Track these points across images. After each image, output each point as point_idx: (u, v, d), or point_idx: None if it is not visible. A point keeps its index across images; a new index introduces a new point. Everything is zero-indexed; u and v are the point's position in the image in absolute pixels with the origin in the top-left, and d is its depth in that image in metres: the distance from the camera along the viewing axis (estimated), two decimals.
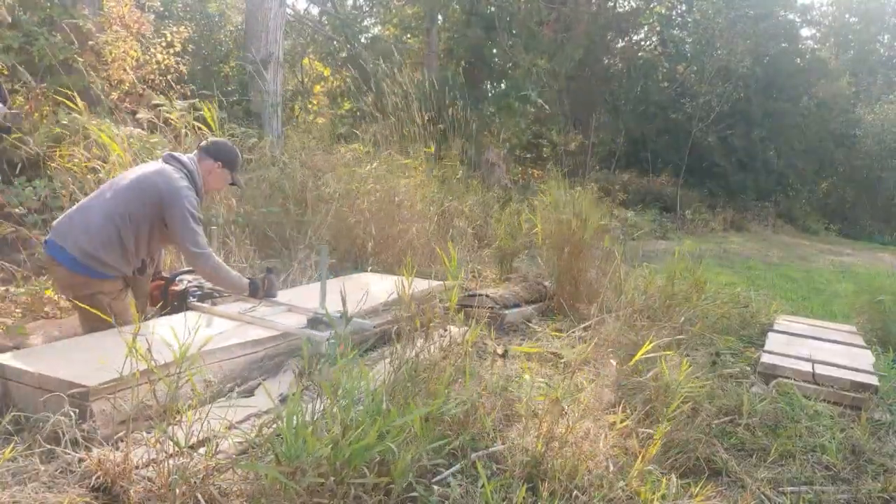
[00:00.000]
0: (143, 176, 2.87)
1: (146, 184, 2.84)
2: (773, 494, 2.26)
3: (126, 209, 2.79)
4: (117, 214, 2.78)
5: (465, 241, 5.73)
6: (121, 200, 2.81)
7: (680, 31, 17.16)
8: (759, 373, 3.45)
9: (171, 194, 2.83)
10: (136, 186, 2.84)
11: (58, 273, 2.79)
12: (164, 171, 2.89)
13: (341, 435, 1.78)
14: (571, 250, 4.43)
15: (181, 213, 2.83)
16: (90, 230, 2.74)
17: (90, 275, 2.74)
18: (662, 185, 16.55)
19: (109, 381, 2.09)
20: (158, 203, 2.83)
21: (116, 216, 2.77)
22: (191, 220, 2.85)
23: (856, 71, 21.87)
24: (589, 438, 2.29)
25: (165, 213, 2.85)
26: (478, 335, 2.67)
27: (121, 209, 2.79)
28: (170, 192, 2.83)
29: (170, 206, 2.83)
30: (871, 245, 15.88)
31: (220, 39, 9.31)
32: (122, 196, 2.82)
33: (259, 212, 4.67)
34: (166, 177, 2.87)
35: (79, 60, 5.08)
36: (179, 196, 2.83)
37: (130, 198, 2.82)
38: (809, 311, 5.88)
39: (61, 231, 2.78)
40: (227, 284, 3.10)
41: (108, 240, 2.75)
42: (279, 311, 3.15)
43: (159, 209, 2.85)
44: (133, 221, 2.81)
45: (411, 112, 5.61)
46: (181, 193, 2.84)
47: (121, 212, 2.78)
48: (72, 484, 1.83)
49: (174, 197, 2.83)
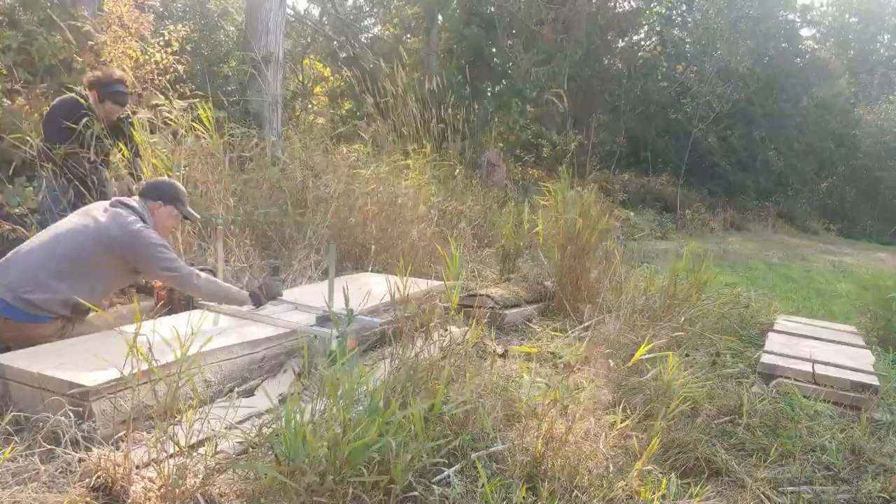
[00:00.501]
0: (99, 230, 2.77)
1: (107, 238, 2.76)
2: (773, 494, 2.26)
3: (89, 264, 2.71)
4: (75, 265, 2.68)
5: (465, 241, 5.73)
6: (82, 253, 2.71)
7: (680, 31, 17.16)
8: (759, 373, 3.44)
9: (131, 239, 2.78)
10: (97, 240, 2.74)
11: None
12: (118, 219, 2.81)
13: (341, 434, 1.78)
14: (575, 250, 4.43)
15: (148, 250, 2.80)
16: (29, 276, 2.60)
17: (24, 320, 2.58)
18: (662, 186, 16.57)
19: (109, 381, 2.09)
20: (124, 254, 2.79)
21: (63, 261, 2.67)
22: (162, 251, 2.82)
23: (856, 71, 21.91)
24: (589, 438, 2.29)
25: (132, 257, 2.81)
26: (478, 335, 2.67)
27: (81, 261, 2.70)
28: (130, 234, 2.78)
29: (133, 248, 2.79)
30: (871, 245, 15.89)
31: (220, 39, 9.31)
32: (83, 249, 2.72)
33: (259, 212, 4.67)
34: (121, 222, 2.80)
35: (78, 60, 5.08)
36: (139, 236, 2.79)
37: (93, 252, 2.73)
38: (809, 311, 5.88)
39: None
40: (225, 299, 3.10)
41: (49, 285, 2.61)
42: (286, 309, 3.21)
43: (125, 259, 2.80)
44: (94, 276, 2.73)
45: (411, 112, 5.61)
46: (140, 233, 2.80)
47: (79, 263, 2.69)
48: (72, 484, 1.83)
49: (135, 240, 2.78)
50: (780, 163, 17.92)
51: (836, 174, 20.05)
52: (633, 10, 16.24)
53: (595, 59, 14.88)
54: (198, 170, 4.41)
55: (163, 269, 2.83)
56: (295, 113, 9.38)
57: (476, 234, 6.22)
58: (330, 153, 5.75)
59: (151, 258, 2.81)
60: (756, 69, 16.30)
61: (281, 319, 3.01)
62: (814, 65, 18.65)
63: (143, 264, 2.84)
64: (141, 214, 2.94)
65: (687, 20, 17.24)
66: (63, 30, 5.11)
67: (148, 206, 3.03)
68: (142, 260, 2.82)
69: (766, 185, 17.74)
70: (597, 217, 4.47)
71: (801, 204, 19.02)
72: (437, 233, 5.31)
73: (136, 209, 2.94)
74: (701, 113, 15.48)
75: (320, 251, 4.61)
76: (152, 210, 3.04)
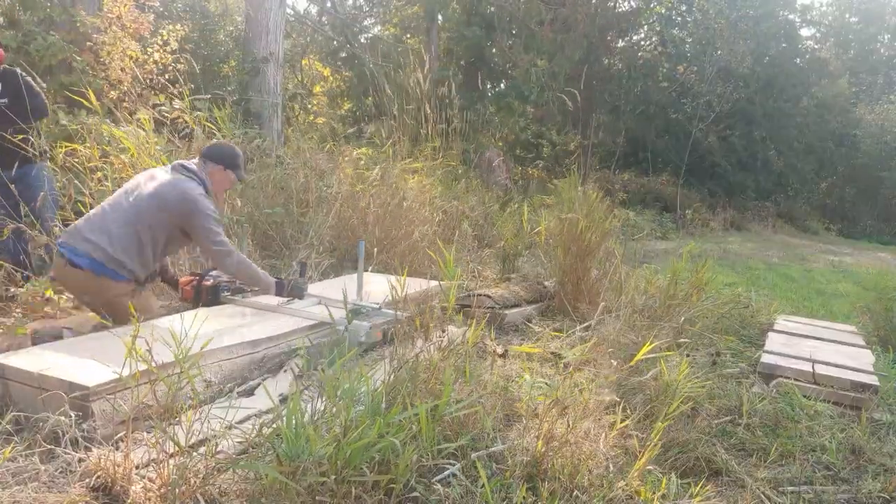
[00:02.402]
0: (159, 189, 3.00)
1: (164, 197, 2.98)
2: (773, 494, 2.26)
3: (147, 220, 2.94)
4: (138, 223, 2.92)
5: (466, 241, 5.73)
6: (142, 210, 2.94)
7: (680, 31, 17.15)
8: (759, 373, 3.44)
9: (190, 204, 2.98)
10: (155, 198, 2.97)
11: (75, 277, 2.87)
12: (179, 183, 3.03)
13: (342, 434, 1.78)
14: (578, 250, 4.43)
15: (202, 219, 2.99)
16: (111, 236, 2.86)
17: (112, 277, 2.85)
18: (662, 186, 16.55)
19: (109, 381, 2.09)
20: (178, 214, 2.99)
21: (137, 225, 2.91)
22: (212, 223, 3.01)
23: (856, 71, 21.91)
24: (589, 438, 2.29)
25: (186, 222, 3.01)
26: (478, 336, 2.67)
27: (142, 218, 2.93)
28: (188, 201, 2.98)
29: (190, 214, 2.98)
30: (871, 245, 15.89)
31: (220, 39, 9.30)
32: (142, 206, 2.95)
33: (262, 212, 4.68)
34: (182, 188, 3.01)
35: (77, 60, 5.08)
36: (197, 204, 2.99)
37: (150, 209, 2.95)
38: (810, 311, 5.87)
39: (79, 236, 2.88)
40: (252, 280, 3.25)
41: (129, 246, 2.89)
42: (310, 303, 3.35)
43: (179, 219, 3.00)
44: (152, 231, 2.95)
45: (411, 112, 5.61)
46: (198, 201, 3.00)
47: (142, 220, 2.92)
48: (72, 484, 1.83)
49: (193, 206, 2.98)
50: (780, 163, 17.91)
51: (836, 174, 20.04)
52: (633, 10, 16.23)
53: (595, 59, 14.88)
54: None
55: (210, 241, 3.01)
56: (295, 113, 9.37)
57: (477, 234, 6.21)
58: (336, 153, 5.78)
59: (203, 227, 2.99)
60: (756, 69, 16.28)
61: (311, 312, 3.17)
62: (814, 65, 18.65)
63: (194, 231, 3.03)
64: (201, 178, 3.14)
65: (687, 20, 17.22)
66: (63, 29, 5.11)
67: (208, 170, 3.20)
68: (195, 227, 3.01)
69: (766, 185, 17.73)
70: (601, 217, 4.47)
71: (801, 204, 19.01)
72: (439, 233, 5.31)
73: (196, 172, 3.13)
74: (701, 113, 15.47)
75: (321, 251, 4.61)
76: (212, 173, 3.22)
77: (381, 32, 14.80)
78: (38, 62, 4.82)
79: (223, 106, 5.13)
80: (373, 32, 14.68)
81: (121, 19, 5.51)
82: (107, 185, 4.07)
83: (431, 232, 5.15)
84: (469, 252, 5.63)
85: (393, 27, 14.92)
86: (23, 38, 4.89)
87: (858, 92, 21.46)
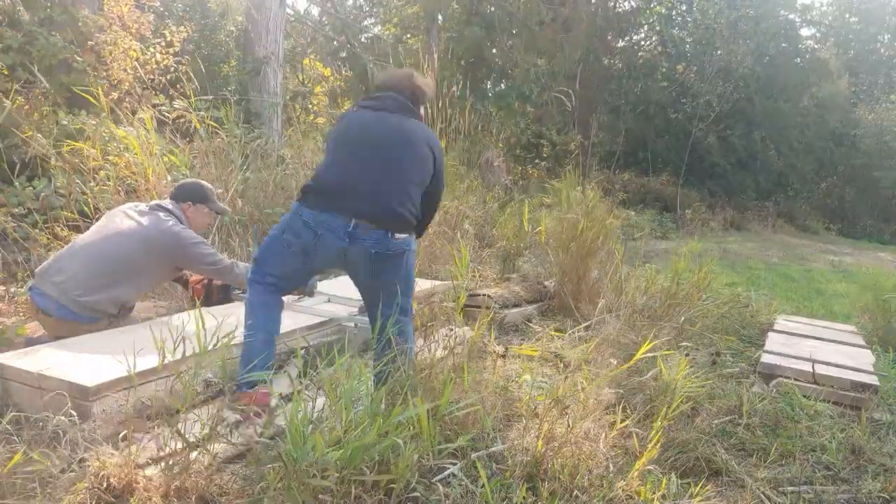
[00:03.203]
0: (143, 232, 2.94)
1: (151, 239, 2.94)
2: (773, 494, 2.26)
3: (129, 262, 2.88)
4: (115, 264, 2.85)
5: (466, 240, 5.73)
6: (121, 252, 2.87)
7: (680, 31, 17.15)
8: (759, 373, 3.44)
9: (175, 239, 2.98)
10: (142, 242, 2.92)
11: (45, 321, 2.83)
12: (159, 223, 3.00)
13: (342, 434, 1.78)
14: (579, 250, 4.43)
15: (190, 248, 3.01)
16: (79, 279, 2.77)
17: (81, 321, 2.78)
18: (662, 185, 16.54)
19: (109, 380, 2.10)
20: (168, 254, 2.99)
21: (114, 266, 2.84)
22: (201, 247, 3.04)
23: (856, 71, 21.88)
24: (589, 438, 2.29)
25: (177, 259, 3.03)
26: (480, 337, 2.67)
27: (120, 260, 2.86)
28: (172, 239, 2.98)
29: (178, 249, 3.00)
30: (871, 244, 15.88)
31: (220, 39, 9.30)
32: (122, 249, 2.88)
33: (262, 212, 4.68)
34: (163, 227, 2.99)
35: (78, 60, 5.08)
36: (180, 238, 3.00)
37: (136, 252, 2.90)
38: (810, 311, 5.87)
39: (47, 279, 2.80)
40: None
41: (100, 288, 2.80)
42: (320, 301, 3.45)
43: (170, 258, 3.02)
44: (134, 272, 2.92)
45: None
46: (181, 234, 3.01)
47: (120, 262, 2.86)
48: (72, 484, 1.83)
49: (177, 240, 2.99)
50: (780, 163, 17.91)
51: (836, 174, 20.04)
52: (633, 10, 16.24)
53: (595, 58, 14.88)
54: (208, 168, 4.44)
55: (205, 264, 3.06)
56: (295, 113, 9.37)
57: (477, 233, 6.21)
58: None
59: (193, 255, 3.02)
60: (756, 69, 16.28)
61: (323, 310, 3.25)
62: (814, 65, 18.62)
63: (186, 262, 3.08)
64: (177, 216, 3.13)
65: (687, 20, 17.23)
66: (63, 29, 5.10)
67: (181, 208, 3.21)
68: (185, 258, 3.04)
69: (766, 184, 17.73)
70: (602, 216, 4.47)
71: (801, 204, 19.01)
72: (440, 233, 5.31)
73: (172, 211, 3.13)
74: (701, 113, 15.47)
75: None
76: (185, 211, 3.22)
77: (381, 32, 14.80)
78: (38, 62, 4.81)
79: (227, 106, 5.14)
80: (373, 32, 14.68)
81: (122, 19, 5.51)
82: (109, 184, 4.07)
83: (432, 232, 5.15)
84: (469, 252, 5.63)
85: (393, 27, 14.92)
86: (24, 39, 4.88)
87: (858, 92, 21.45)
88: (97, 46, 5.29)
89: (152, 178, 4.07)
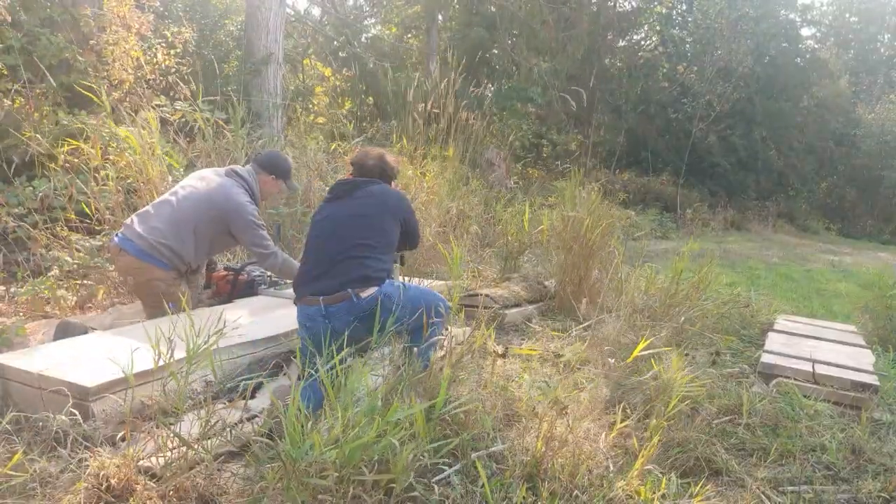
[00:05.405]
0: (209, 192, 3.19)
1: (213, 200, 3.16)
2: (773, 494, 2.26)
3: (193, 219, 3.12)
4: (182, 220, 3.11)
5: (467, 240, 5.73)
6: (189, 209, 3.13)
7: (680, 31, 17.16)
8: (759, 372, 3.44)
9: (235, 210, 3.17)
10: (205, 201, 3.15)
11: (122, 260, 3.12)
12: (227, 189, 3.21)
13: (341, 433, 1.78)
14: (581, 250, 4.42)
15: (246, 225, 3.18)
16: (157, 230, 3.07)
17: (150, 262, 3.06)
18: (663, 185, 16.53)
19: (109, 380, 2.10)
20: (224, 219, 3.17)
21: (181, 222, 3.11)
22: (256, 228, 3.20)
23: (856, 71, 21.89)
24: (589, 438, 2.29)
25: (232, 227, 3.20)
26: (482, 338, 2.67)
27: (187, 216, 3.12)
28: (233, 208, 3.17)
29: (235, 220, 3.17)
30: (871, 244, 15.87)
31: (220, 39, 9.29)
32: (190, 205, 3.14)
33: (265, 211, 4.69)
34: (228, 194, 3.19)
35: (80, 60, 5.07)
36: (242, 210, 3.17)
37: (198, 209, 3.14)
38: (810, 311, 5.87)
39: (131, 227, 3.12)
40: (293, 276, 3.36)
41: (172, 242, 3.08)
42: None
43: (225, 224, 3.19)
44: (198, 229, 3.14)
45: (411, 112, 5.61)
46: (243, 208, 3.18)
47: (187, 218, 3.12)
48: (72, 484, 1.83)
49: (238, 212, 3.17)
50: (781, 162, 17.90)
51: (837, 174, 20.03)
52: (634, 10, 16.24)
53: (596, 58, 14.87)
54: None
55: (254, 245, 3.22)
56: (296, 113, 9.37)
57: (477, 233, 6.21)
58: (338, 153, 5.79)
59: (247, 232, 3.19)
60: (756, 69, 16.28)
61: None
62: (814, 65, 18.62)
63: (239, 234, 3.23)
64: (250, 184, 3.30)
65: (687, 20, 17.23)
66: (64, 29, 5.10)
67: (260, 178, 3.37)
68: (240, 230, 3.20)
69: (766, 184, 17.72)
70: (604, 216, 4.47)
71: (801, 204, 19.00)
72: (440, 233, 5.32)
73: (246, 179, 3.30)
74: (701, 112, 15.47)
75: None
76: (264, 181, 3.40)
77: (381, 32, 14.80)
78: (39, 62, 4.81)
79: (233, 105, 5.14)
80: (373, 32, 14.68)
81: (123, 19, 5.51)
82: (109, 184, 4.07)
83: (433, 233, 5.16)
84: (470, 251, 5.63)
85: (394, 27, 14.92)
86: (26, 39, 4.88)
87: (858, 92, 21.45)
88: (98, 46, 5.29)
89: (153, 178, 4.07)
